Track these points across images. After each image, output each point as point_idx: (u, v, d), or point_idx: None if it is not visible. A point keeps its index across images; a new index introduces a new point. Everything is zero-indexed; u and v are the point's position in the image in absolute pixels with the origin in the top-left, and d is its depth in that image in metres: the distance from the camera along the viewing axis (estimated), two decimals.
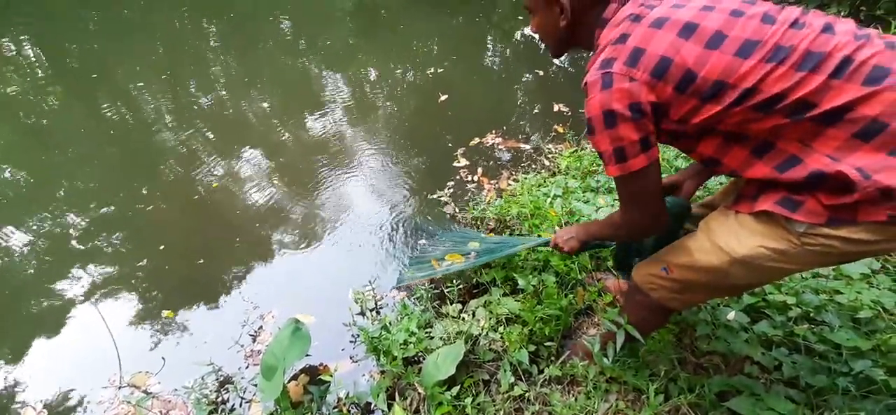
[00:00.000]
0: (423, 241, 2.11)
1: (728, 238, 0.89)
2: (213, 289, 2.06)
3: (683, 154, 1.57)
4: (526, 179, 2.42)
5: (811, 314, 1.38)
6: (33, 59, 4.36)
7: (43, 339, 1.93)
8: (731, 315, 1.44)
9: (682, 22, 0.77)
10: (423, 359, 1.55)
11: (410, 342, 1.60)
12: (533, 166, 2.67)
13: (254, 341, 1.82)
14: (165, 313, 1.96)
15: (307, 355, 1.68)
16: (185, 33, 4.86)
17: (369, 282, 1.95)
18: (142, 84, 3.76)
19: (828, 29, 0.72)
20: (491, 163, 2.72)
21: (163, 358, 1.81)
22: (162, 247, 2.27)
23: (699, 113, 0.78)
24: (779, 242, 0.82)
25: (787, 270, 0.87)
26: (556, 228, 1.89)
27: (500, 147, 2.84)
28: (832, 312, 1.34)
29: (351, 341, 1.80)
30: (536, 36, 1.03)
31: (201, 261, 2.18)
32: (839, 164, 0.70)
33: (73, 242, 2.35)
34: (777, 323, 1.38)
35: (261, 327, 1.86)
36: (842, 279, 1.46)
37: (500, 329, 1.55)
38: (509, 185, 2.49)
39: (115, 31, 4.88)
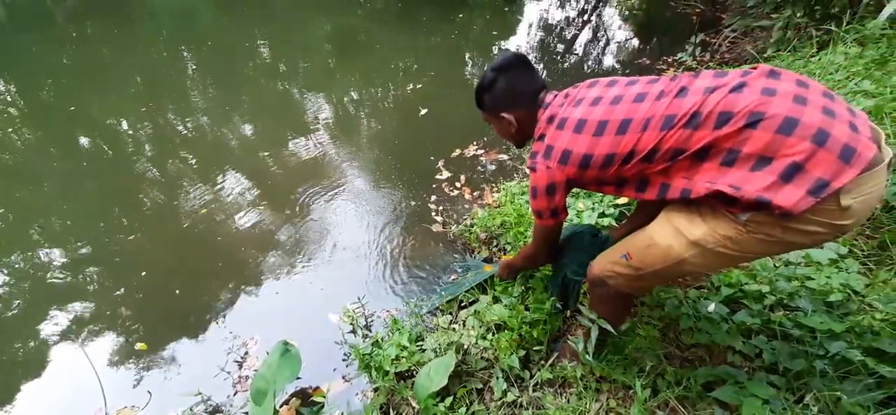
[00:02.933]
0: (453, 276, 2.08)
1: (684, 222, 1.00)
2: (196, 317, 2.03)
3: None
4: (508, 186, 2.47)
5: (785, 301, 1.43)
6: (7, 97, 4.28)
7: (24, 379, 1.87)
8: (712, 307, 1.49)
9: (576, 120, 1.07)
10: (416, 372, 1.55)
11: (402, 357, 1.60)
12: (515, 175, 2.72)
13: (240, 367, 1.79)
14: (139, 345, 1.92)
15: (298, 378, 1.67)
16: (162, 64, 4.83)
17: (358, 299, 1.95)
18: (120, 117, 3.72)
19: (681, 93, 0.95)
20: (473, 174, 2.76)
21: (149, 391, 1.77)
22: (144, 273, 2.23)
23: (603, 174, 1.06)
24: (727, 230, 0.93)
25: (737, 256, 0.97)
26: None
27: (481, 159, 2.89)
28: (805, 297, 1.39)
29: (343, 360, 1.79)
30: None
31: (178, 291, 2.15)
32: (715, 184, 0.90)
33: (52, 278, 2.30)
34: (754, 312, 1.43)
35: (246, 353, 1.83)
36: (812, 266, 1.52)
37: (489, 336, 1.56)
38: (493, 196, 2.53)
39: (91, 66, 4.82)
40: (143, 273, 2.25)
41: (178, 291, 2.15)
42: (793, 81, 0.89)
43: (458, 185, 2.67)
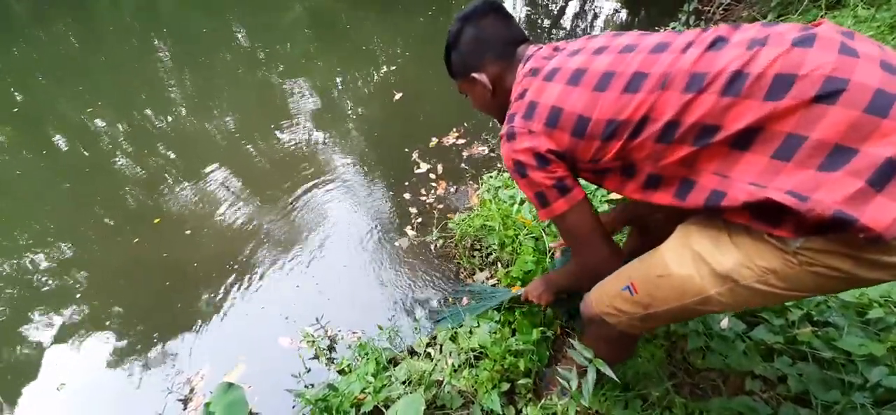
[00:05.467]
0: (465, 299, 1.73)
1: (708, 245, 0.72)
2: (134, 347, 1.77)
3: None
4: (489, 178, 2.22)
5: (813, 315, 1.22)
6: None
7: None
8: (725, 323, 1.28)
9: (572, 69, 0.80)
10: (384, 411, 1.33)
11: (368, 392, 1.37)
12: (497, 165, 2.47)
13: (185, 407, 1.55)
14: (58, 385, 1.67)
15: None
16: (114, 52, 4.44)
17: (317, 320, 1.71)
18: (63, 112, 3.37)
19: (716, 44, 0.68)
20: (453, 165, 2.50)
21: None
22: (78, 295, 1.96)
23: (605, 151, 0.77)
24: (770, 259, 0.66)
25: (782, 295, 0.69)
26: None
27: (461, 149, 2.62)
28: (836, 310, 1.18)
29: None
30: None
31: (115, 316, 1.89)
32: (766, 189, 0.62)
33: None
34: (776, 327, 1.22)
35: (192, 390, 1.59)
36: None
37: (465, 371, 1.33)
38: (477, 190, 2.28)
39: (52, 58, 4.41)
40: (78, 295, 1.98)
41: (114, 317, 1.88)
42: (874, 44, 0.62)
43: (432, 177, 2.41)
